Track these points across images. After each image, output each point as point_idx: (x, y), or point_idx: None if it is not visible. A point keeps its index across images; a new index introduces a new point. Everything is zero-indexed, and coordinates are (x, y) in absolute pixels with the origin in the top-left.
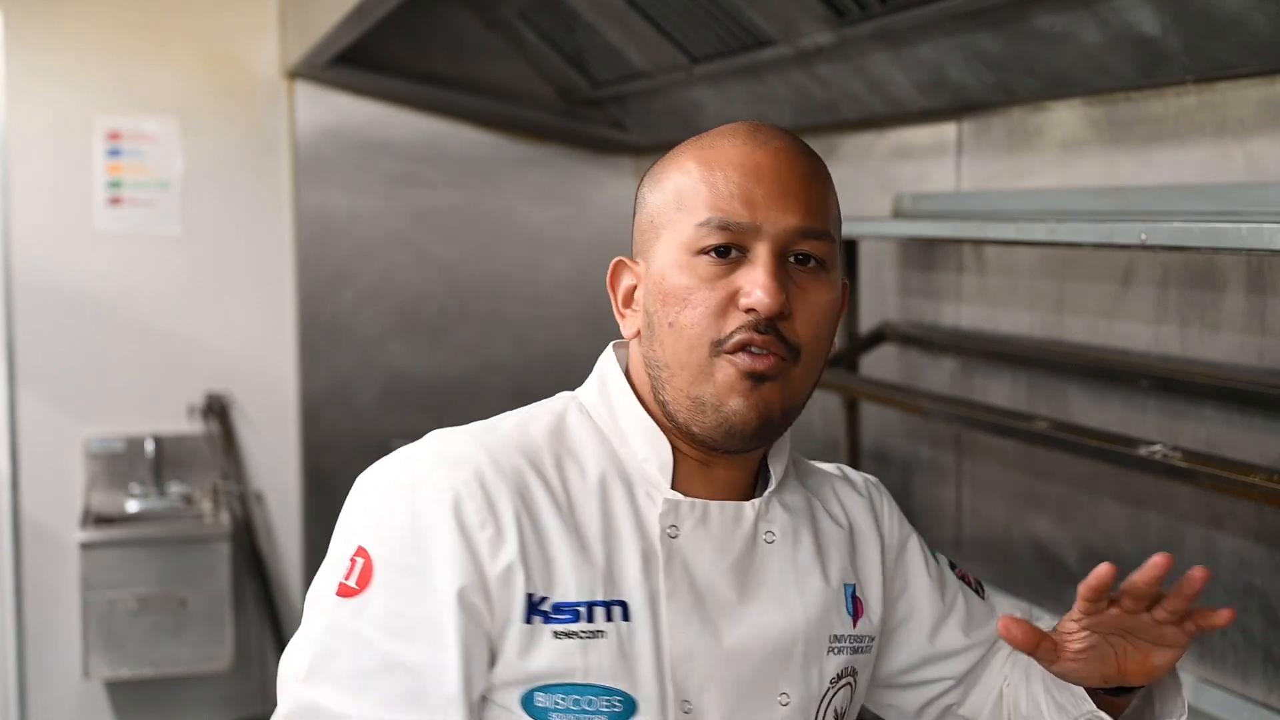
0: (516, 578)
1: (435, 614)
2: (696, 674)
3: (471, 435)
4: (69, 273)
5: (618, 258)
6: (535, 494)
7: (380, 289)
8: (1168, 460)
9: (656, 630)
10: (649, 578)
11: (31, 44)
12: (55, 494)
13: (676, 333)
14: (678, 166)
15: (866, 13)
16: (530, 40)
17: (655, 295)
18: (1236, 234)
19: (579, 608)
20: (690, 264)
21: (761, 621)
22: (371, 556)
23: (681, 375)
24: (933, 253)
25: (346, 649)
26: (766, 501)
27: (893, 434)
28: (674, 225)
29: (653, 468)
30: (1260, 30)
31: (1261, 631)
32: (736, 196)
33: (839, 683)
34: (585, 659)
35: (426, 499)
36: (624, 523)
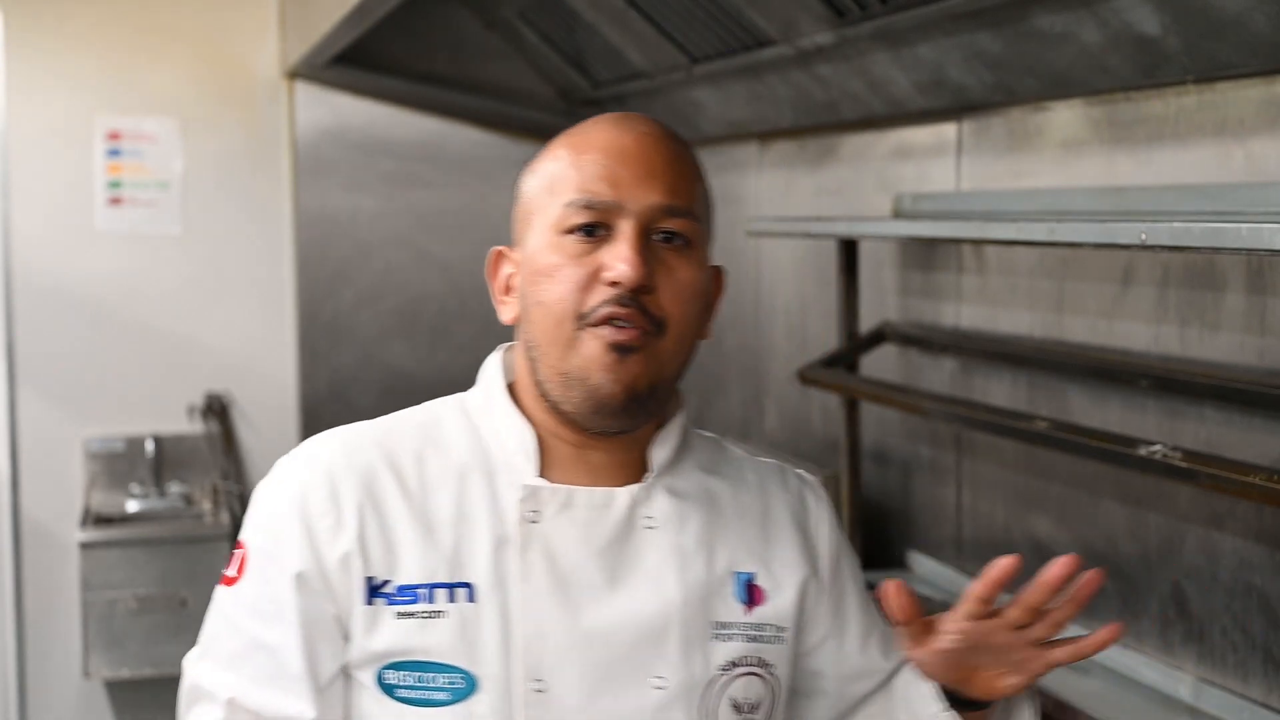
0: (354, 563)
1: (283, 595)
2: (550, 654)
3: (337, 433)
4: (69, 273)
5: (496, 247)
6: (383, 484)
7: (380, 289)
8: (1168, 460)
9: (505, 611)
10: (501, 561)
11: (31, 44)
12: (55, 494)
13: (544, 309)
14: (550, 155)
15: (866, 13)
16: (530, 40)
17: (527, 277)
18: (1236, 234)
19: (420, 589)
20: (558, 243)
21: (631, 605)
22: (246, 547)
23: (551, 351)
24: (933, 253)
25: (224, 632)
26: (648, 488)
27: (893, 434)
28: (544, 209)
29: (519, 457)
30: (1260, 30)
31: (1261, 631)
32: (601, 177)
33: (734, 670)
34: (425, 638)
35: (280, 493)
36: (479, 509)
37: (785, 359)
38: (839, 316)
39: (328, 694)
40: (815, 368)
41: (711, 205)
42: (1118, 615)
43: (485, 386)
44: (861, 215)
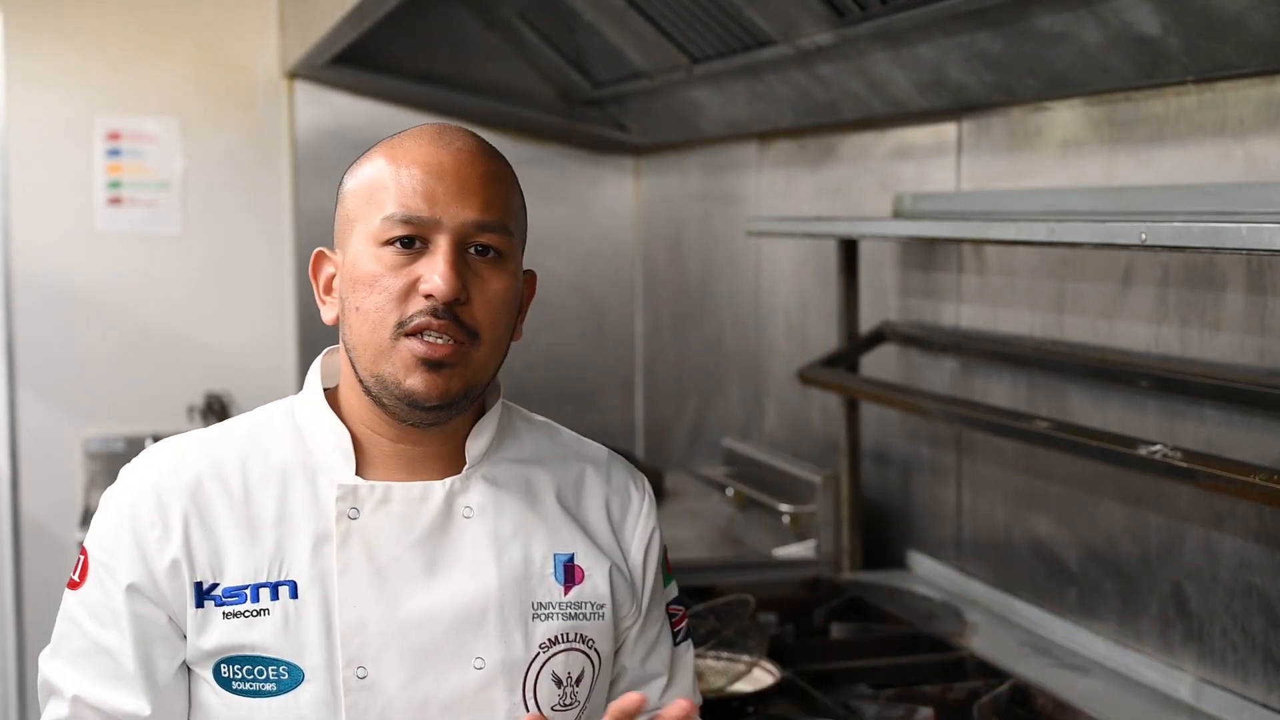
0: (182, 570)
1: (117, 604)
2: (371, 643)
3: (169, 444)
4: (69, 273)
5: (318, 249)
6: (209, 492)
7: None
8: (1168, 460)
9: (327, 605)
10: (321, 558)
11: (31, 44)
12: (55, 494)
13: (363, 316)
14: (370, 163)
15: (866, 13)
16: (530, 40)
17: (348, 282)
18: (1236, 234)
19: (245, 590)
20: (377, 254)
21: (449, 591)
22: (88, 553)
23: (366, 355)
24: (933, 253)
25: (70, 633)
26: (464, 480)
27: (893, 434)
28: (365, 217)
29: (337, 457)
30: (1260, 30)
31: (1261, 631)
32: (419, 192)
33: (554, 648)
34: (251, 634)
35: (114, 504)
36: (299, 509)
37: (785, 359)
38: (839, 316)
39: (165, 691)
40: (815, 368)
41: (524, 215)
42: (1118, 615)
43: (306, 391)
44: (861, 215)
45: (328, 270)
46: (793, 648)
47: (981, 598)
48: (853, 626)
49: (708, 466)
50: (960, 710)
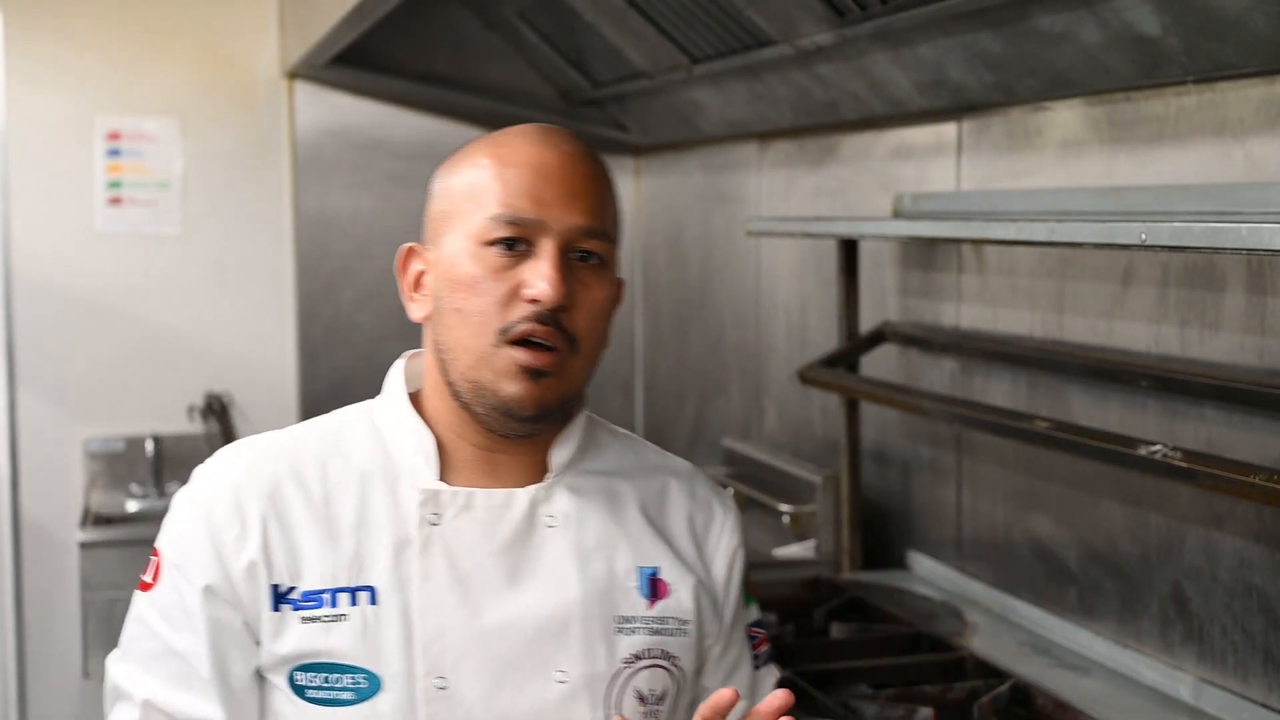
0: (259, 572)
1: (192, 606)
2: (450, 652)
3: (245, 444)
4: (69, 273)
5: (408, 244)
6: (287, 495)
7: (380, 289)
8: (1168, 460)
9: (407, 612)
10: (402, 564)
11: (31, 44)
12: (55, 494)
13: (463, 318)
14: (471, 161)
15: (866, 13)
16: (530, 40)
17: (444, 281)
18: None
19: (323, 594)
20: (479, 254)
21: (531, 601)
22: (160, 554)
23: (464, 359)
24: (933, 253)
25: (141, 635)
26: (548, 488)
27: (893, 434)
28: (465, 216)
29: (419, 461)
30: (1260, 30)
31: (1261, 631)
32: (526, 193)
33: (637, 663)
34: (329, 640)
35: (190, 505)
36: (380, 513)
37: (785, 359)
38: (839, 316)
39: (239, 697)
40: (815, 368)
41: (621, 222)
42: (1118, 615)
43: (388, 394)
44: (861, 215)
45: (416, 266)
46: (793, 648)
47: (981, 598)
48: (853, 626)
49: (708, 466)
50: (960, 710)
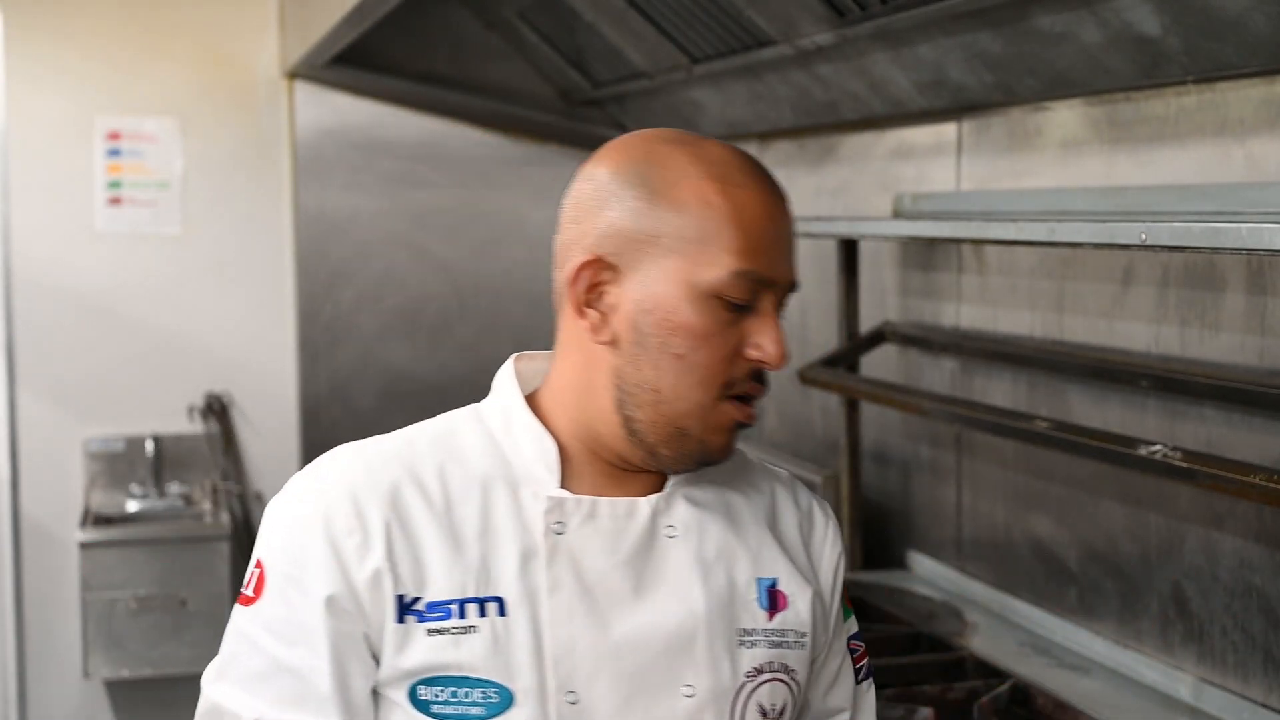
0: (384, 582)
1: (310, 620)
2: (582, 666)
3: (356, 449)
4: (69, 273)
5: (595, 255)
6: (408, 501)
7: (380, 289)
8: (1168, 460)
9: (536, 624)
10: (529, 574)
11: (31, 44)
12: (55, 494)
13: (686, 367)
14: (697, 193)
15: (866, 13)
16: (530, 40)
17: (660, 322)
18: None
19: (451, 605)
20: (708, 306)
21: (658, 614)
22: (265, 566)
23: (675, 405)
24: (933, 253)
25: (244, 652)
26: (668, 498)
27: (893, 434)
28: (690, 258)
29: (540, 468)
30: (1260, 30)
31: (1261, 631)
32: (765, 251)
33: (759, 677)
34: (458, 653)
35: (304, 512)
36: (504, 521)
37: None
38: (839, 316)
39: (360, 713)
40: (815, 368)
41: None
42: (1118, 615)
43: (501, 398)
44: (861, 215)
45: (606, 286)
46: None
47: (981, 598)
48: None
49: None
50: (960, 710)
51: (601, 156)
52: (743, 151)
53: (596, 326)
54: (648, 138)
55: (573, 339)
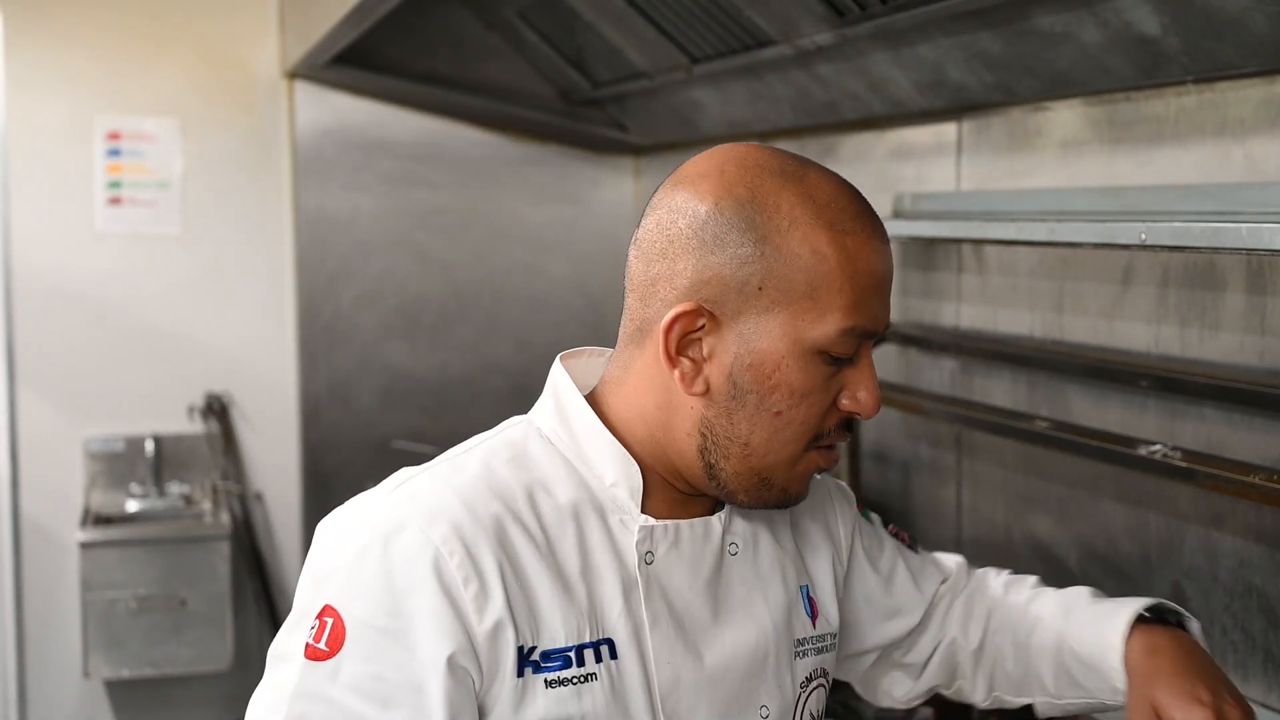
0: (506, 633)
1: (420, 680)
2: (685, 700)
3: (441, 480)
4: (69, 273)
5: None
6: (514, 538)
7: (380, 289)
8: (1168, 460)
9: (644, 663)
10: (631, 609)
11: (31, 44)
12: (55, 494)
13: (783, 423)
14: (808, 240)
15: (866, 13)
16: (530, 40)
17: (761, 378)
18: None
19: (569, 653)
20: (813, 362)
21: (737, 638)
22: (343, 616)
23: (765, 458)
24: (933, 253)
25: (319, 714)
26: (729, 513)
27: (893, 434)
28: (799, 311)
29: (622, 492)
30: (1260, 30)
31: (1261, 631)
32: (874, 305)
33: (810, 685)
34: (580, 705)
35: (403, 557)
36: (602, 554)
37: None
38: None
39: None
40: None
41: None
42: None
43: (564, 410)
44: None
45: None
46: None
47: None
48: None
49: None
50: (960, 710)
51: (699, 186)
52: (849, 186)
53: (688, 377)
54: (750, 167)
55: (655, 374)
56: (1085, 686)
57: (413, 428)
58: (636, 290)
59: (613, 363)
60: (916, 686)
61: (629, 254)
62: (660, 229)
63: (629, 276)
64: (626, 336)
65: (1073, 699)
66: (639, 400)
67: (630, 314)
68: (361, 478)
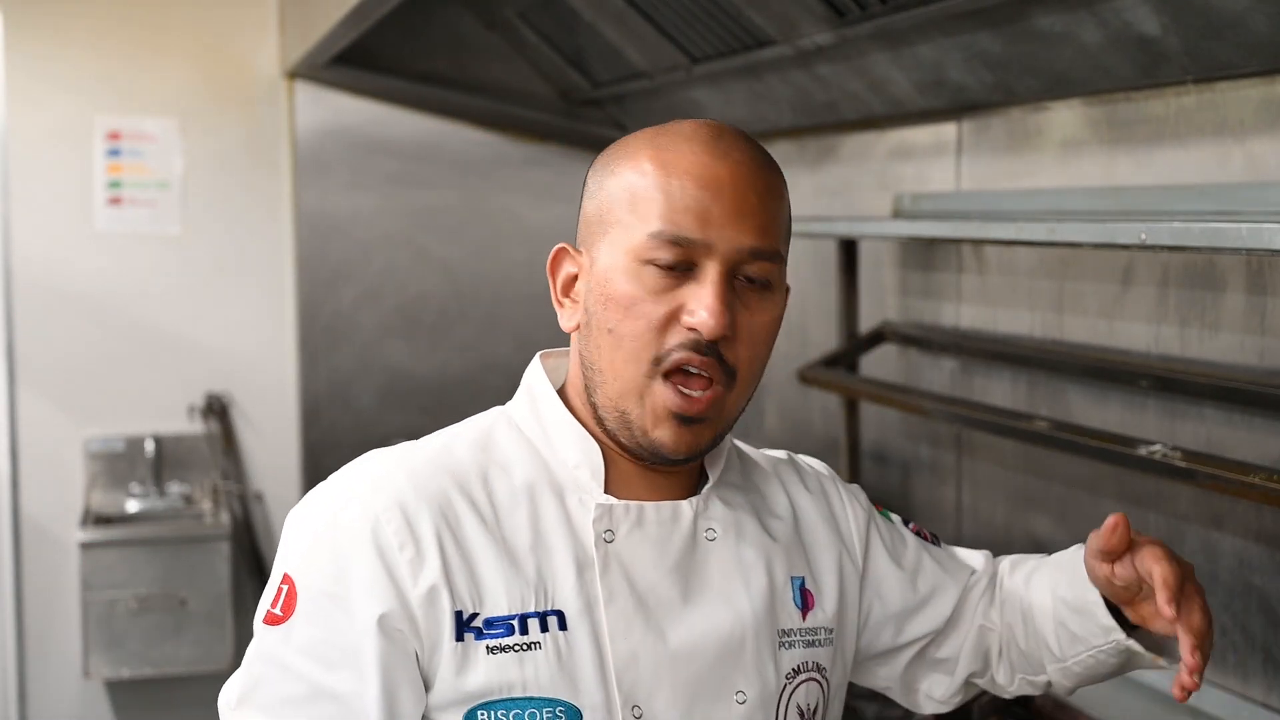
0: (441, 598)
1: (356, 642)
2: (644, 678)
3: (395, 457)
4: (69, 273)
5: (560, 244)
6: (459, 511)
7: (380, 289)
8: (1168, 460)
9: (597, 637)
10: (585, 585)
11: (31, 44)
12: (55, 494)
13: (615, 340)
14: (633, 164)
15: (866, 13)
16: (530, 40)
17: (598, 296)
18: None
19: (511, 621)
20: (637, 271)
21: (708, 620)
22: (296, 584)
23: (614, 385)
24: (933, 253)
25: (273, 676)
26: (705, 499)
27: (893, 434)
28: (624, 226)
29: (585, 473)
30: (1260, 30)
31: (1261, 631)
32: (691, 210)
33: (797, 678)
34: (522, 672)
35: (345, 525)
36: (555, 531)
37: (785, 359)
38: (839, 316)
39: None
40: (815, 368)
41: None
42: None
43: (535, 400)
44: (861, 215)
45: (568, 269)
46: None
47: None
48: None
49: None
50: (960, 710)
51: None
52: (722, 125)
53: (568, 315)
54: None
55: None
56: (1080, 635)
57: (413, 428)
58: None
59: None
60: (954, 681)
61: None
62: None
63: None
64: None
65: (1075, 657)
66: (574, 375)
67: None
68: None
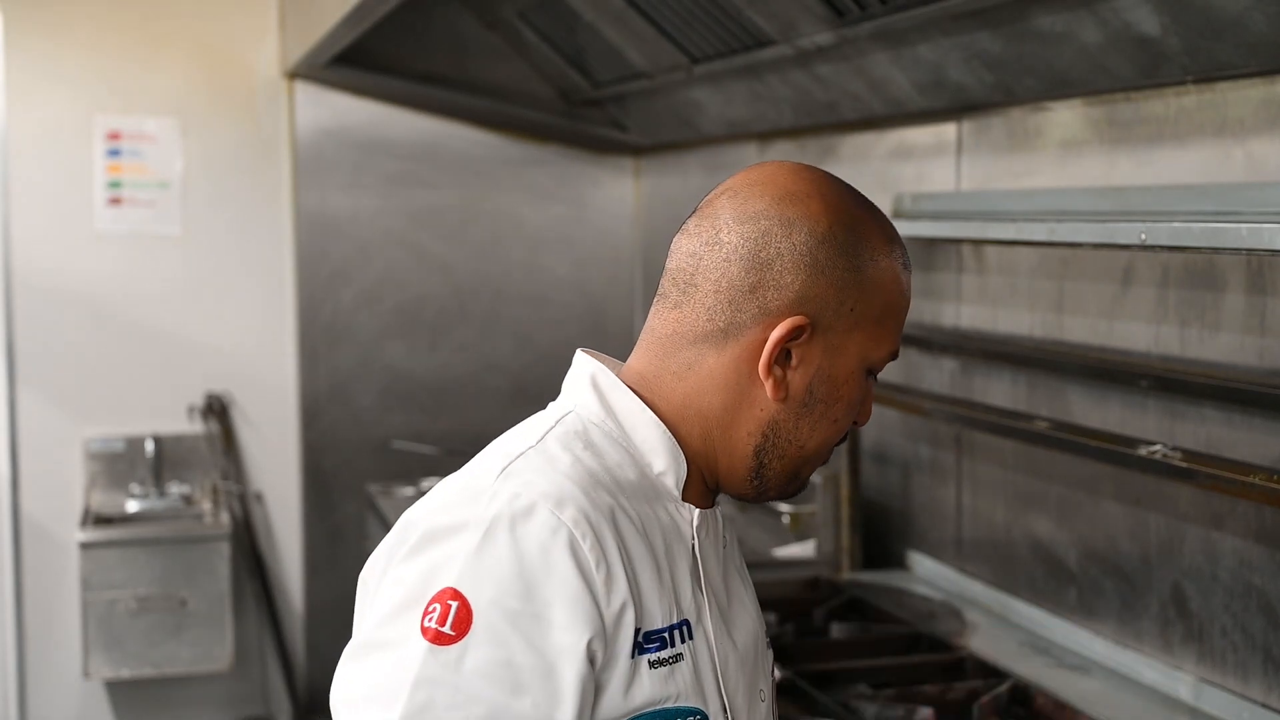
0: (628, 615)
1: (552, 664)
2: (731, 679)
3: (546, 466)
4: (69, 273)
5: (802, 320)
6: (620, 522)
7: (380, 289)
8: (1168, 460)
9: (709, 643)
10: (694, 592)
11: (31, 44)
12: (55, 494)
13: (835, 430)
14: (891, 275)
15: (866, 13)
16: (530, 40)
17: (832, 390)
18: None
19: (664, 634)
20: (864, 377)
21: (746, 622)
22: (469, 600)
23: (811, 459)
24: (933, 253)
25: (445, 701)
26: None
27: (893, 434)
28: (870, 334)
29: (669, 480)
30: (1260, 30)
31: (1261, 631)
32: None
33: (775, 674)
34: (674, 685)
35: (536, 539)
36: (674, 539)
37: None
38: None
39: None
40: None
41: None
42: (1118, 615)
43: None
44: None
45: (795, 346)
46: (792, 647)
47: (981, 598)
48: (852, 626)
49: None
50: (960, 710)
51: (809, 207)
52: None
53: (780, 385)
54: (841, 194)
55: (730, 374)
56: None
57: (413, 428)
58: (724, 294)
59: (652, 358)
60: None
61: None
62: (766, 240)
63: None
64: (697, 335)
65: None
66: (702, 399)
67: (710, 314)
68: (361, 478)
